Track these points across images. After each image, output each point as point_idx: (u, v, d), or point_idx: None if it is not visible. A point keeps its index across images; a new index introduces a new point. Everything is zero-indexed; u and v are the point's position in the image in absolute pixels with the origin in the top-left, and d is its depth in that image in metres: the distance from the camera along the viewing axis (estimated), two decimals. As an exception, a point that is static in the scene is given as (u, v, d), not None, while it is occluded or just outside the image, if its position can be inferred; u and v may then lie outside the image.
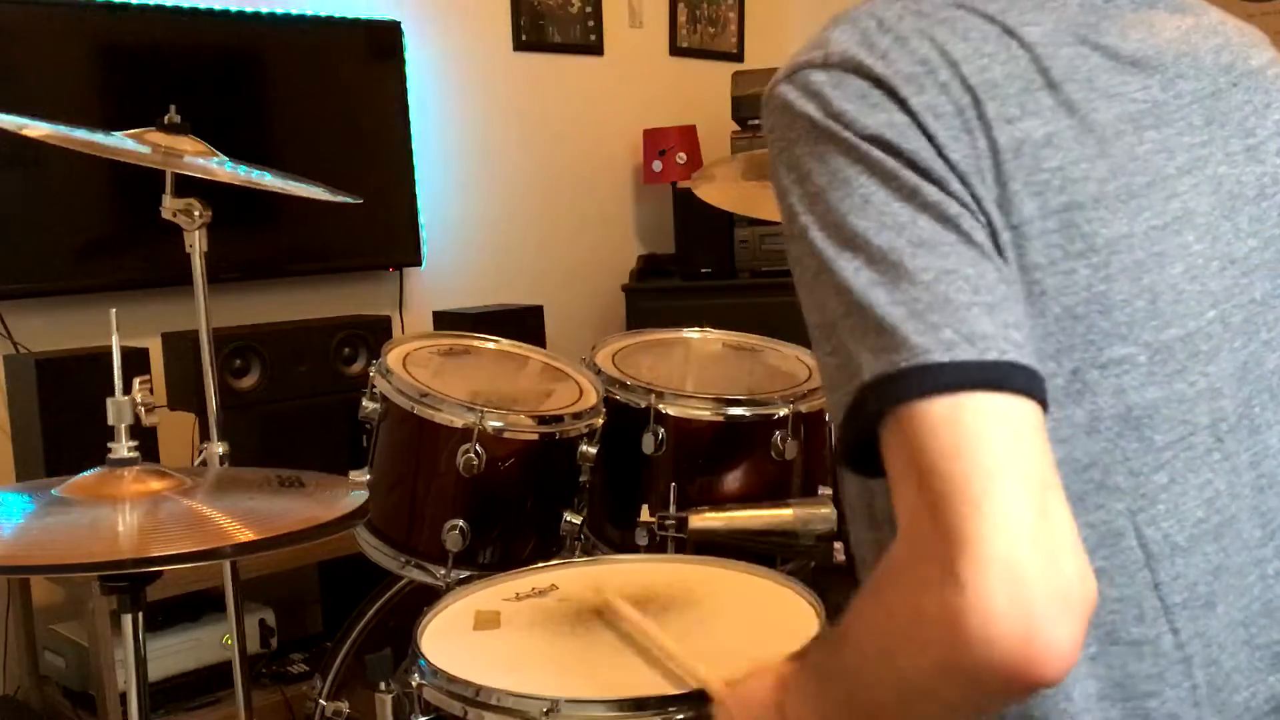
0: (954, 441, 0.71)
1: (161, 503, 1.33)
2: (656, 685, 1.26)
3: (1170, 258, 0.84)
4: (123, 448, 1.38)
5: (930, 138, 0.80)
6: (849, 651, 0.82)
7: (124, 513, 1.31)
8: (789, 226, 0.84)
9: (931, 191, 0.78)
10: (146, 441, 1.51)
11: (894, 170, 0.79)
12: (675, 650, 1.29)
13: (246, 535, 1.24)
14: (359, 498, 1.39)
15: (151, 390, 1.48)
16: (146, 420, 1.44)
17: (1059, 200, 0.81)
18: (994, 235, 0.79)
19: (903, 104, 0.80)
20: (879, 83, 0.81)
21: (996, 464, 0.71)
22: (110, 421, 1.39)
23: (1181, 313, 0.83)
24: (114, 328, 1.39)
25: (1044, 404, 0.75)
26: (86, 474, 1.38)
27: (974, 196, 0.79)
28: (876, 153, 0.79)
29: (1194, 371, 0.83)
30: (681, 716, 1.21)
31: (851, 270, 0.77)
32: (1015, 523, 0.69)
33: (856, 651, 0.81)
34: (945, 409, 0.72)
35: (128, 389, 1.41)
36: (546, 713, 1.22)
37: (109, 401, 1.39)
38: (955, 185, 0.79)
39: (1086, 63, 0.85)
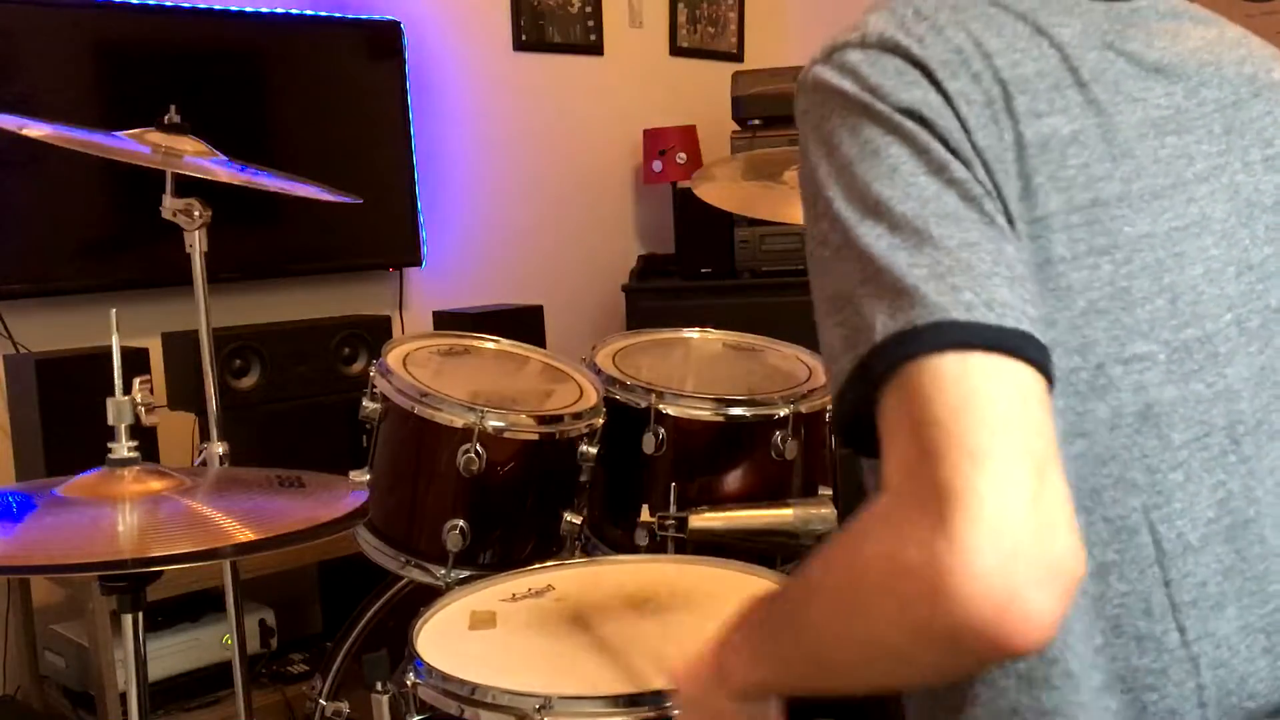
0: (961, 396, 0.71)
1: (161, 503, 1.33)
2: (649, 682, 1.26)
3: (1190, 259, 0.85)
4: (123, 448, 1.38)
5: (961, 121, 0.81)
6: (812, 606, 0.80)
7: (124, 513, 1.31)
8: (813, 204, 0.84)
9: (959, 169, 0.79)
10: (146, 441, 1.51)
11: (925, 144, 0.80)
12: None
13: (246, 535, 1.24)
14: (359, 498, 1.39)
15: (152, 390, 1.47)
16: (146, 420, 1.44)
17: (1084, 196, 0.83)
18: (1010, 224, 0.80)
19: (938, 85, 0.82)
20: (915, 63, 0.83)
21: (1002, 424, 0.70)
22: (110, 421, 1.38)
23: (1200, 314, 0.85)
24: (114, 328, 1.39)
25: (1051, 382, 0.75)
26: (87, 474, 1.38)
27: (995, 185, 0.81)
28: (909, 125, 0.81)
29: (1211, 373, 0.84)
30: (674, 713, 1.21)
31: (873, 237, 0.78)
32: (1014, 483, 0.69)
33: (820, 606, 0.79)
34: (956, 365, 0.72)
35: (128, 389, 1.41)
36: (540, 709, 1.22)
37: (109, 401, 1.39)
38: (980, 170, 0.80)
39: (1113, 67, 0.88)
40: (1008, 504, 0.68)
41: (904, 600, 0.70)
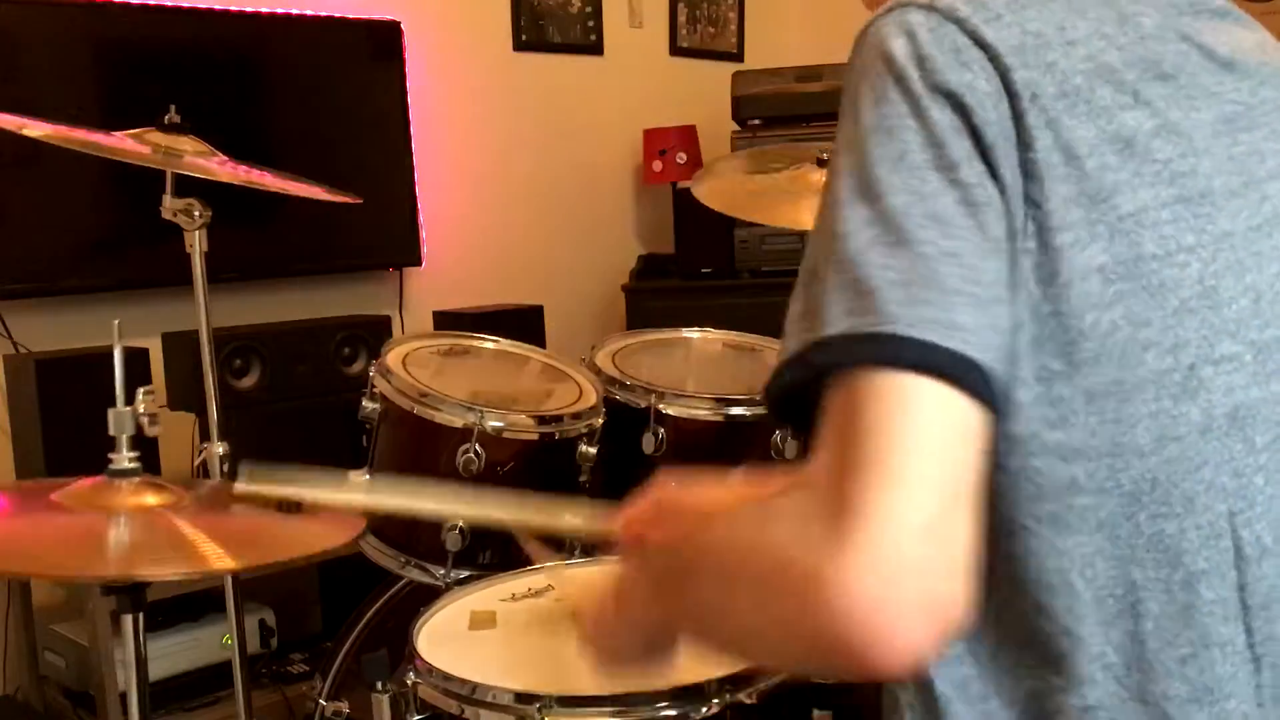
0: (892, 415, 0.70)
1: (156, 518, 1.32)
2: (649, 682, 1.26)
3: (1266, 258, 0.84)
4: (123, 458, 1.36)
5: (1017, 117, 0.78)
6: (705, 569, 0.80)
7: (119, 525, 1.30)
8: (830, 164, 0.81)
9: (970, 171, 0.76)
10: (147, 443, 1.50)
11: (944, 137, 0.76)
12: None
13: (232, 563, 1.23)
14: (356, 525, 1.39)
15: (156, 401, 1.45)
16: (150, 431, 1.41)
17: (1169, 192, 0.81)
18: (1045, 233, 0.77)
19: (1001, 72, 0.78)
20: (981, 44, 0.79)
21: (923, 454, 0.69)
22: (111, 432, 1.36)
23: (1279, 313, 0.83)
24: (116, 338, 1.36)
25: (996, 412, 0.74)
26: (85, 481, 1.36)
27: (1030, 194, 0.77)
28: (937, 111, 0.77)
29: None
30: (673, 713, 1.21)
31: (857, 222, 0.75)
32: (917, 513, 0.68)
33: (711, 573, 0.79)
34: (894, 383, 0.71)
35: (130, 399, 1.39)
36: (540, 709, 1.22)
37: (110, 412, 1.37)
38: (1009, 175, 0.77)
39: (1190, 59, 0.86)
40: (904, 531, 0.67)
41: (779, 594, 0.70)
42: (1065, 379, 0.78)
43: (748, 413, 1.99)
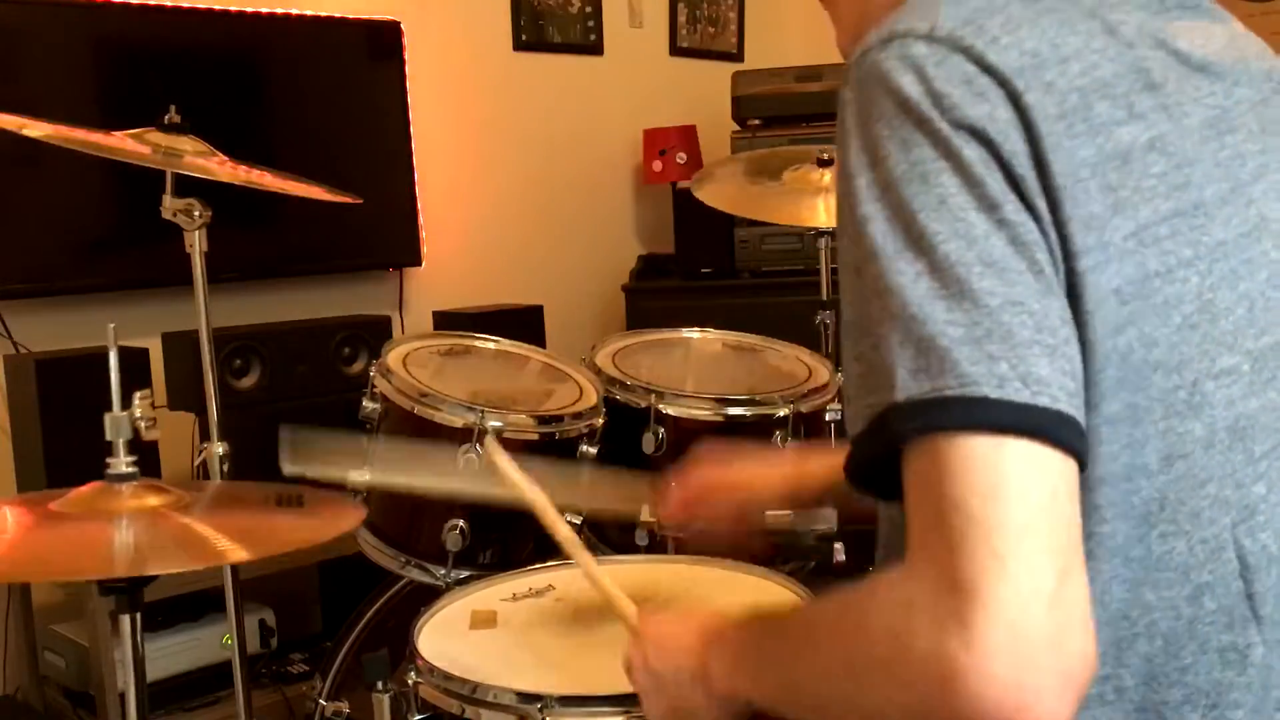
0: (990, 484, 0.68)
1: (159, 518, 1.32)
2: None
3: (1257, 264, 0.83)
4: (121, 463, 1.35)
5: (1033, 140, 0.75)
6: (812, 654, 0.80)
7: (121, 529, 1.30)
8: (847, 211, 0.78)
9: (1013, 208, 0.74)
10: (147, 443, 1.50)
11: (980, 175, 0.74)
12: (597, 572, 1.24)
13: (241, 555, 1.23)
14: (356, 516, 1.39)
15: (153, 404, 1.43)
16: (147, 435, 1.40)
17: (1167, 206, 0.79)
18: (1070, 259, 0.76)
19: (1011, 97, 0.76)
20: (987, 69, 0.76)
21: (1030, 520, 0.68)
22: (108, 437, 1.35)
23: (1273, 320, 0.83)
24: (112, 342, 1.36)
25: (1083, 463, 0.72)
26: (84, 488, 1.36)
27: (1058, 220, 0.75)
28: (968, 149, 0.74)
29: None
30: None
31: (910, 275, 0.73)
32: (1035, 586, 0.67)
33: (820, 660, 0.79)
34: (987, 448, 0.69)
35: (127, 402, 1.38)
36: (541, 709, 1.22)
37: (107, 417, 1.36)
38: (1040, 203, 0.75)
39: (1170, 67, 0.84)
40: (1027, 609, 0.67)
41: (908, 687, 0.70)
42: (1094, 409, 0.76)
43: (747, 413, 1.99)
